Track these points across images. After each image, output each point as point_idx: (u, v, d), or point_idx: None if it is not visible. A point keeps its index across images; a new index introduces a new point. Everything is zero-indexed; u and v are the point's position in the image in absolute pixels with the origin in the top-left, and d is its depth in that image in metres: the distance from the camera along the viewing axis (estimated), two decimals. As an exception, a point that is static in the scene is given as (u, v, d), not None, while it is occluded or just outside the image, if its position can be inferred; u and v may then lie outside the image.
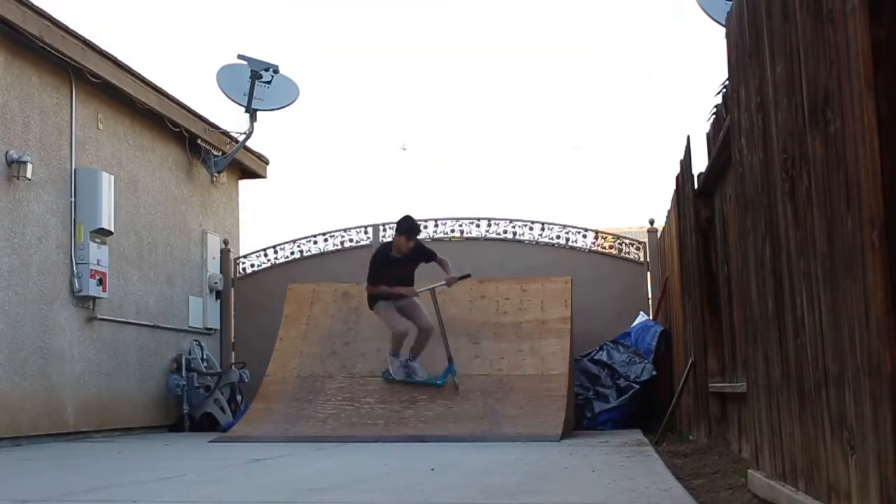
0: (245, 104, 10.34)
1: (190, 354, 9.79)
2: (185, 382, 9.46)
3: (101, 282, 8.33)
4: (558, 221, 10.41)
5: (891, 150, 1.80)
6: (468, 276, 8.18)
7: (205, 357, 10.00)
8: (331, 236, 10.75)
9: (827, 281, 2.28)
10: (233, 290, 10.88)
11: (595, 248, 10.32)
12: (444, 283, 8.08)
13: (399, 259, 8.07)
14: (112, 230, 8.51)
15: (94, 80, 8.45)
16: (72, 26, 8.04)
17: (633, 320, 9.62)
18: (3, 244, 7.34)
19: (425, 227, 10.53)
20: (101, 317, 8.51)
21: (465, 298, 8.59)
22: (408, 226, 8.07)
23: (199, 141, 10.34)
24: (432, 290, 8.11)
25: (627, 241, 10.42)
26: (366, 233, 10.67)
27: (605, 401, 8.64)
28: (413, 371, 8.03)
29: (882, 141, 1.81)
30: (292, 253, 10.80)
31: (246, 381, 9.56)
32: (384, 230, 10.61)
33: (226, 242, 11.00)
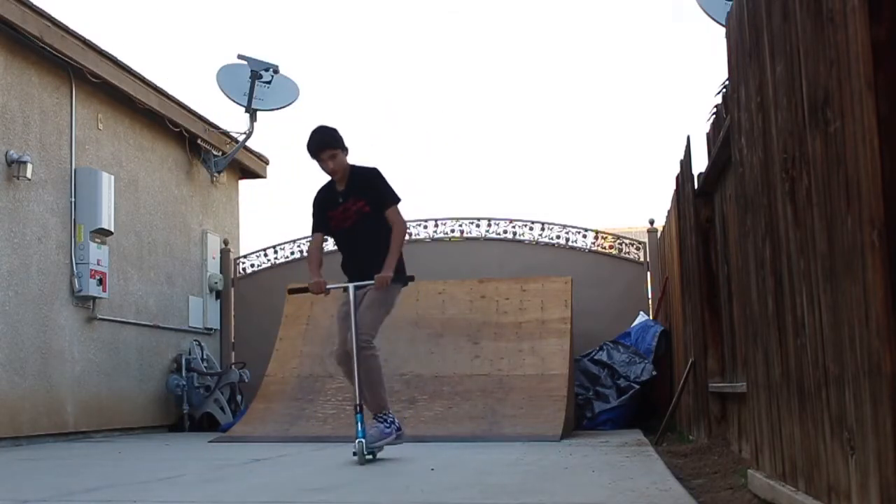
0: (245, 104, 10.35)
1: (190, 354, 9.79)
2: (185, 382, 9.46)
3: (101, 282, 8.33)
4: (558, 221, 10.42)
5: (891, 150, 1.80)
6: (411, 278, 5.66)
7: (205, 357, 10.00)
8: (331, 236, 10.74)
9: (827, 281, 2.28)
10: (233, 290, 10.88)
11: (595, 248, 10.32)
12: (369, 283, 5.45)
13: (339, 193, 5.63)
14: (112, 230, 8.51)
15: (94, 80, 8.45)
16: (72, 26, 8.04)
17: (633, 320, 9.62)
18: (3, 244, 7.35)
19: (425, 227, 10.54)
20: (101, 317, 8.51)
21: (465, 298, 8.59)
22: (315, 139, 5.63)
23: (199, 141, 10.33)
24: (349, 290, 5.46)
25: (627, 241, 10.42)
26: (366, 233, 10.66)
27: (605, 401, 8.64)
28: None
29: (882, 141, 1.81)
30: (292, 253, 10.80)
31: (246, 381, 9.56)
32: (384, 230, 10.59)
33: (226, 242, 11.00)
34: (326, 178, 5.73)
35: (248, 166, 11.54)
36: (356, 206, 5.56)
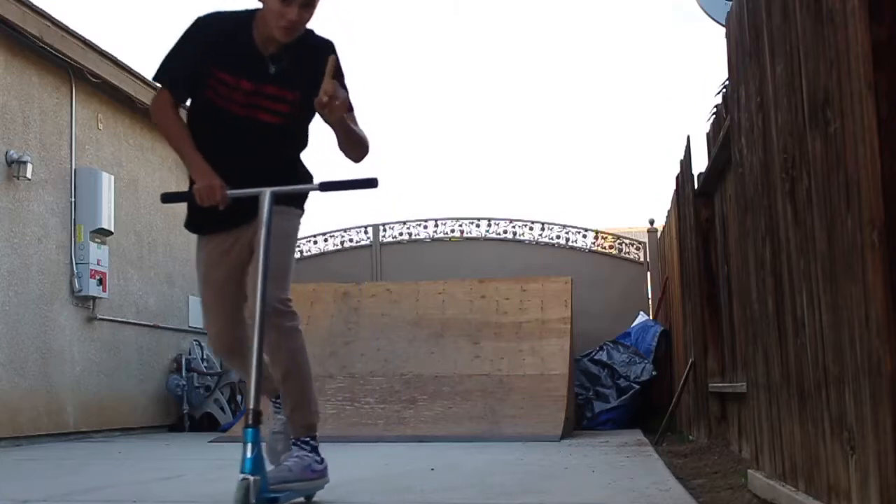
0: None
1: (190, 354, 9.79)
2: (185, 382, 9.46)
3: (101, 282, 8.33)
4: (558, 221, 10.43)
5: (891, 150, 1.80)
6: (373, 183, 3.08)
7: (205, 357, 10.00)
8: (331, 236, 10.75)
9: (827, 281, 2.28)
10: (233, 290, 10.86)
11: (595, 248, 10.33)
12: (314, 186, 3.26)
13: (263, 61, 3.21)
14: (112, 230, 8.51)
15: (94, 80, 8.45)
16: (72, 26, 8.04)
17: (633, 320, 9.63)
18: (3, 244, 7.34)
19: (425, 227, 10.54)
20: (101, 317, 8.50)
21: (465, 298, 8.59)
22: None
23: (199, 141, 10.33)
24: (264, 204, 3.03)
25: (627, 241, 10.43)
26: (366, 233, 10.67)
27: (605, 401, 8.65)
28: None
29: (882, 141, 1.81)
30: (292, 253, 10.79)
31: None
32: (384, 230, 10.60)
33: (226, 242, 10.99)
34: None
35: (248, 166, 11.53)
36: (292, 96, 3.23)
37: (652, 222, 10.44)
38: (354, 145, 3.28)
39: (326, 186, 3.18)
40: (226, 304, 3.39)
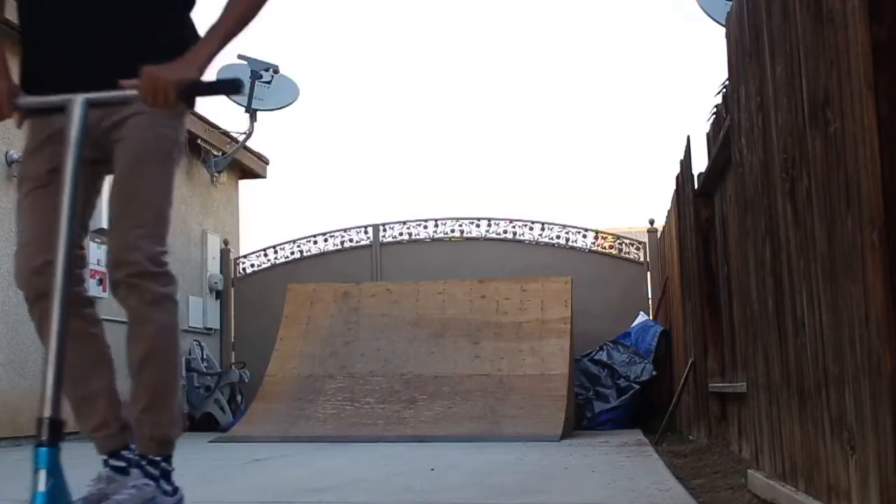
0: (245, 104, 10.34)
1: (190, 354, 9.79)
2: (185, 382, 9.46)
3: (101, 282, 8.33)
4: (558, 221, 10.42)
5: (891, 151, 1.80)
6: (233, 84, 2.24)
7: (205, 357, 10.00)
8: (331, 236, 10.75)
9: (827, 281, 2.28)
10: (233, 290, 10.87)
11: (595, 248, 10.32)
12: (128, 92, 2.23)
13: None
14: (112, 230, 8.51)
15: (94, 80, 8.46)
16: (72, 26, 8.03)
17: (633, 320, 9.62)
18: (3, 244, 7.34)
19: (425, 227, 10.55)
20: (101, 317, 8.49)
21: (465, 298, 8.59)
22: None
23: (199, 141, 10.32)
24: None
25: (627, 241, 10.42)
26: (366, 233, 10.67)
27: (605, 401, 8.65)
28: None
29: (882, 141, 1.81)
30: (292, 253, 10.80)
31: (246, 381, 9.56)
32: (384, 230, 10.60)
33: (226, 242, 11.00)
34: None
35: (248, 166, 11.53)
36: None
37: (652, 222, 10.43)
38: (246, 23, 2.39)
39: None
40: (38, 213, 2.35)
